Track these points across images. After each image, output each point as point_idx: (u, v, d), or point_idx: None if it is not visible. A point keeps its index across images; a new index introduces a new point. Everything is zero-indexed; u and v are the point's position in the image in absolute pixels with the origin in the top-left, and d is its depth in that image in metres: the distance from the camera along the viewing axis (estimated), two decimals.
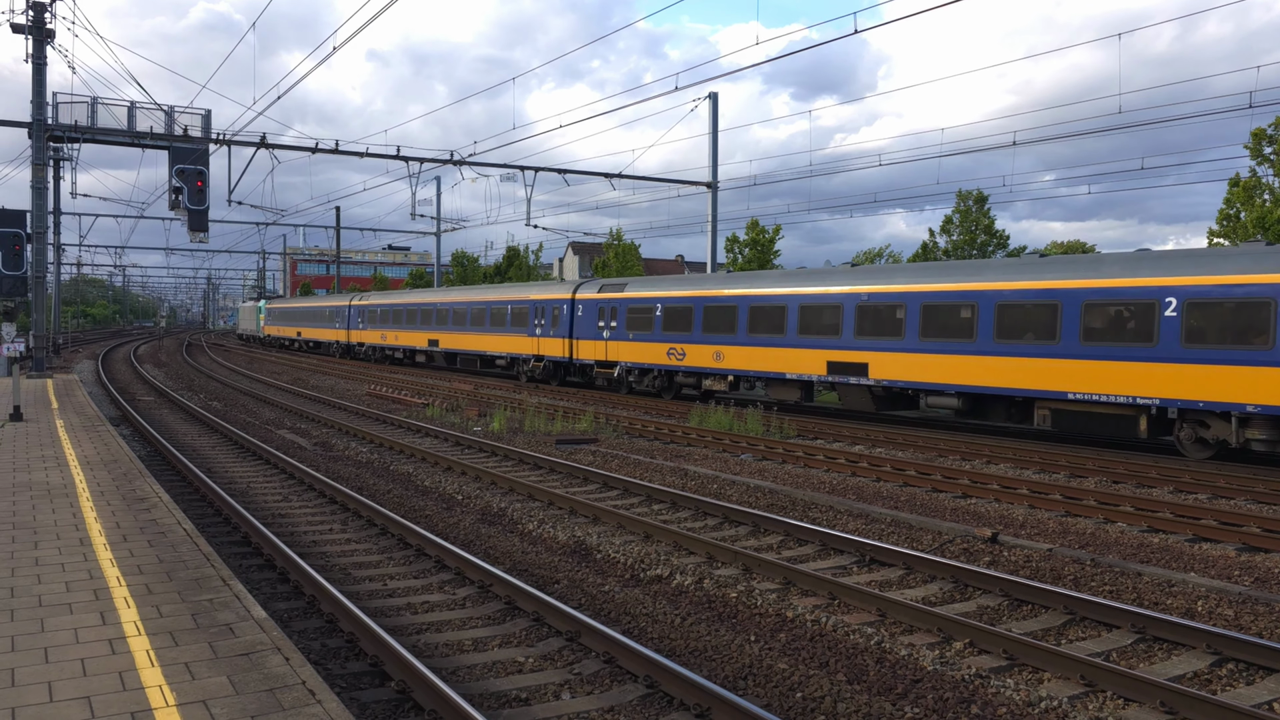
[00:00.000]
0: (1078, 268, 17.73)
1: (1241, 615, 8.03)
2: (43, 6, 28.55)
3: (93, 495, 10.29)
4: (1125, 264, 17.03)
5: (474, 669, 6.65)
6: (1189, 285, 15.76)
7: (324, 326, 54.71)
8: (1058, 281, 17.66)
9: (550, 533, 10.88)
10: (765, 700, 6.21)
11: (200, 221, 29.23)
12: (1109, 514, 12.08)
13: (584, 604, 8.26)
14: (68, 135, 29.52)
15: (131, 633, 5.84)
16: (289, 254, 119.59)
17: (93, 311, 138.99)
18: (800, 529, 10.70)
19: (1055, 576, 9.22)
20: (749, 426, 19.92)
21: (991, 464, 16.22)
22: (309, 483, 13.67)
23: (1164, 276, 16.12)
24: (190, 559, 7.67)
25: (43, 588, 6.78)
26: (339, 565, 9.38)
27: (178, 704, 4.77)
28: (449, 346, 38.65)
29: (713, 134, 34.76)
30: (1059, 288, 17.57)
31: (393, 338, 44.58)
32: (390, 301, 45.90)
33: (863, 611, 8.05)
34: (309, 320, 58.18)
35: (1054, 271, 17.94)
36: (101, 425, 16.97)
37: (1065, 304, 17.37)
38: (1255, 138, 27.44)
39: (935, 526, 11.26)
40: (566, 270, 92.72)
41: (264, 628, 5.99)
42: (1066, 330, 17.29)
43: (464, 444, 18.15)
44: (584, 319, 29.66)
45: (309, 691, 4.97)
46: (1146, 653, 7.18)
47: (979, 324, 18.65)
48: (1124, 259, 17.47)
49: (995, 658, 6.96)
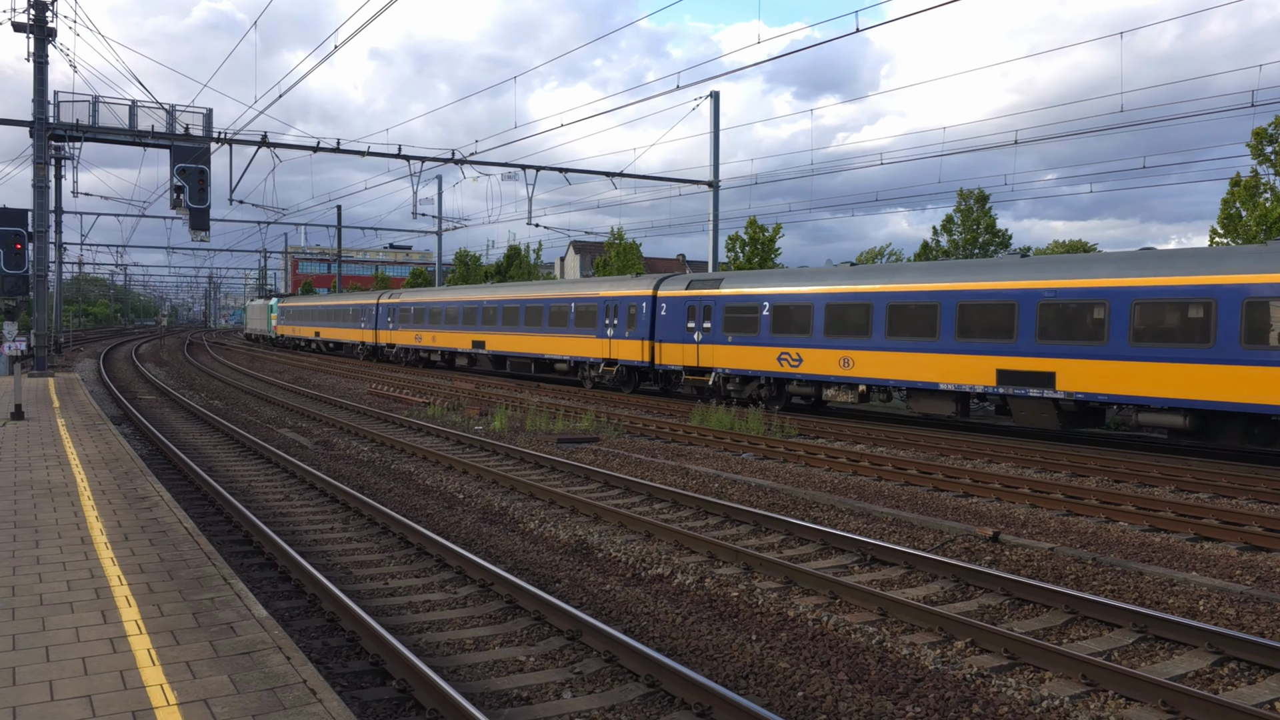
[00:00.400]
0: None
1: (1243, 614, 8.02)
2: (44, 5, 28.56)
3: (94, 494, 10.29)
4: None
5: (475, 668, 6.65)
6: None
7: (347, 326, 50.91)
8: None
9: (551, 532, 10.88)
10: (767, 699, 6.20)
11: (202, 220, 29.22)
12: (1111, 513, 12.07)
13: (585, 603, 8.25)
14: (69, 134, 29.53)
15: (133, 631, 5.84)
16: (290, 253, 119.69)
17: (94, 310, 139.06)
18: (801, 528, 10.69)
19: (1057, 576, 9.21)
20: (750, 425, 19.91)
21: (993, 463, 16.21)
22: (310, 481, 13.67)
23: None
24: (191, 558, 7.67)
25: (44, 586, 6.78)
26: (340, 564, 9.38)
27: (179, 703, 4.77)
28: (498, 349, 35.10)
29: (714, 133, 34.75)
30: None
31: (430, 339, 40.70)
32: (427, 299, 42.00)
33: (864, 611, 8.05)
34: (330, 319, 54.10)
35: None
36: (103, 424, 16.98)
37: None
38: (1257, 137, 27.43)
39: (937, 525, 11.25)
40: (568, 269, 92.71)
41: (265, 626, 5.99)
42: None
43: (465, 443, 18.15)
44: (669, 319, 26.47)
45: (310, 690, 4.97)
46: (1148, 652, 7.17)
47: (1218, 325, 15.46)
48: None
49: (997, 657, 6.95)
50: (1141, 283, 16.58)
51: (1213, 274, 15.73)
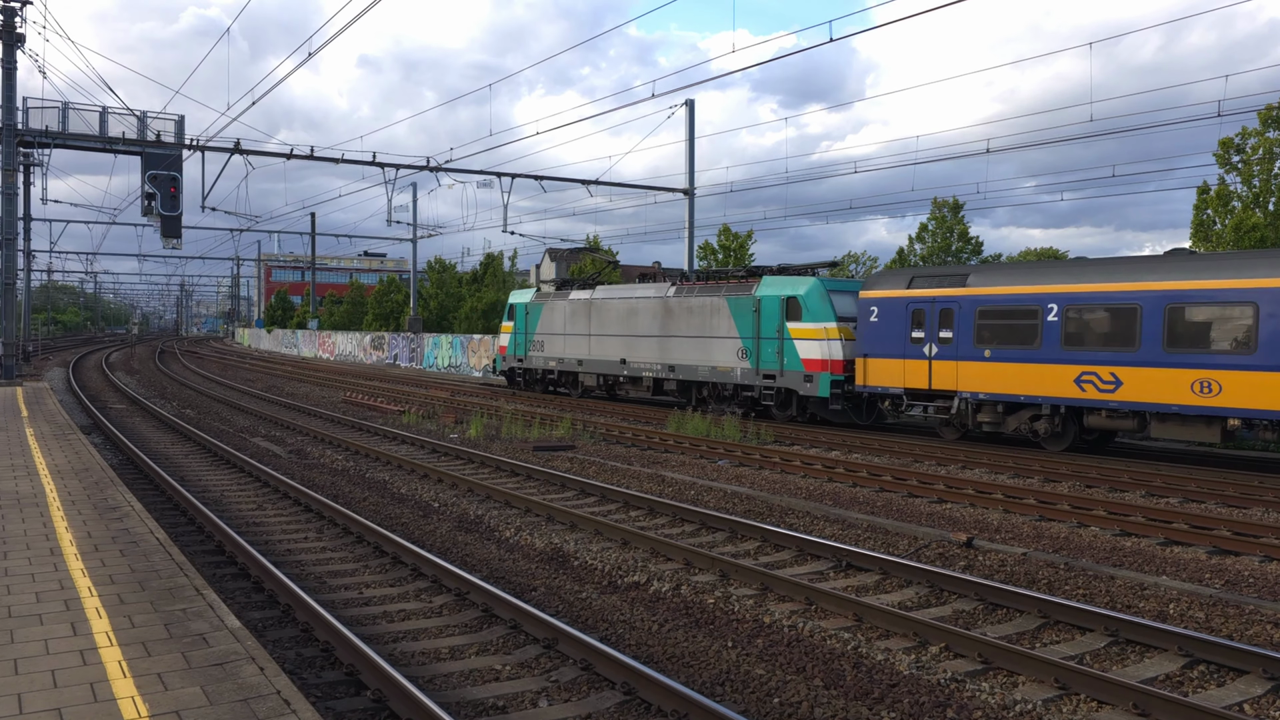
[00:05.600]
0: None
1: (1212, 617, 8.13)
2: (13, 11, 28.23)
3: (64, 504, 10.16)
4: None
5: (451, 677, 6.62)
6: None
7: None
8: None
9: (527, 539, 10.85)
10: (743, 706, 6.22)
11: (173, 228, 28.95)
12: (1083, 518, 12.20)
13: (561, 611, 8.24)
14: (38, 140, 29.16)
15: (103, 643, 5.77)
16: (264, 260, 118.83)
17: (64, 318, 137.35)
18: (777, 534, 10.73)
19: (1030, 580, 9.30)
20: (726, 432, 19.95)
21: (967, 469, 16.33)
22: (284, 490, 13.56)
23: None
24: (163, 568, 7.59)
25: (12, 598, 6.68)
26: (314, 574, 9.30)
27: (150, 715, 4.71)
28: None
29: (689, 141, 34.83)
30: None
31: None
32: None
33: (839, 616, 8.08)
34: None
35: None
36: (72, 433, 16.76)
37: None
38: (1224, 147, 27.85)
39: (911, 531, 11.32)
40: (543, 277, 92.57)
41: (238, 637, 5.93)
42: None
43: (441, 451, 18.07)
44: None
45: (284, 701, 4.92)
46: (1120, 655, 7.25)
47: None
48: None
49: (970, 661, 7.01)
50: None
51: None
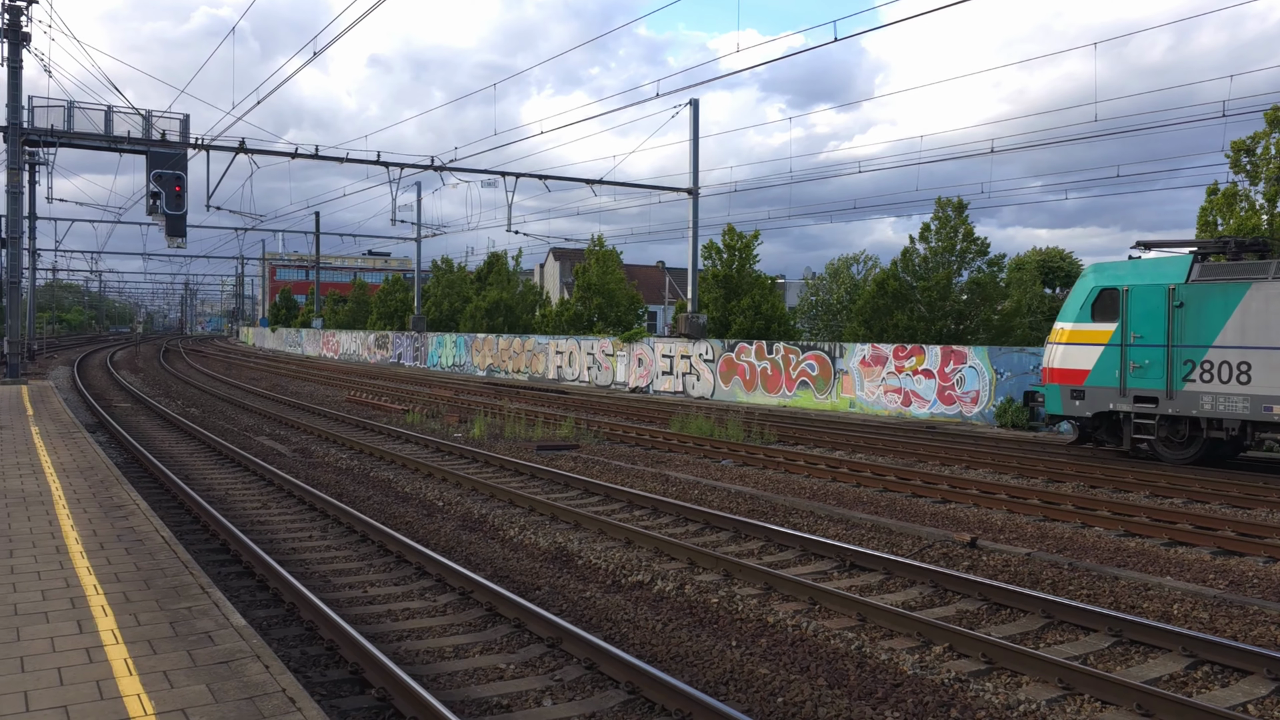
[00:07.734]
0: None
1: (1216, 618, 8.12)
2: (19, 9, 28.31)
3: (69, 503, 10.19)
4: None
5: (455, 676, 6.63)
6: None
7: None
8: None
9: (531, 539, 10.87)
10: (747, 705, 6.22)
11: (178, 227, 28.98)
12: (1086, 518, 12.19)
13: (565, 610, 8.25)
14: (44, 139, 29.24)
15: (109, 641, 5.79)
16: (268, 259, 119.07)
17: (68, 317, 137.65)
18: (781, 534, 10.73)
19: (1033, 580, 9.29)
20: (730, 433, 19.95)
21: (970, 469, 16.32)
22: (288, 489, 13.59)
23: None
24: (168, 566, 7.61)
25: (18, 596, 6.71)
26: (319, 572, 9.33)
27: (156, 713, 4.73)
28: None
29: (693, 140, 34.85)
30: None
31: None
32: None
33: (843, 616, 8.09)
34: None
35: None
36: (78, 432, 16.80)
37: None
38: (1235, 149, 27.80)
39: (915, 531, 11.32)
40: (547, 277, 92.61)
41: (243, 635, 5.95)
42: None
43: (444, 450, 18.09)
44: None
45: (289, 699, 4.94)
46: (1123, 655, 7.25)
47: None
48: None
49: (974, 661, 7.01)
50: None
51: None
